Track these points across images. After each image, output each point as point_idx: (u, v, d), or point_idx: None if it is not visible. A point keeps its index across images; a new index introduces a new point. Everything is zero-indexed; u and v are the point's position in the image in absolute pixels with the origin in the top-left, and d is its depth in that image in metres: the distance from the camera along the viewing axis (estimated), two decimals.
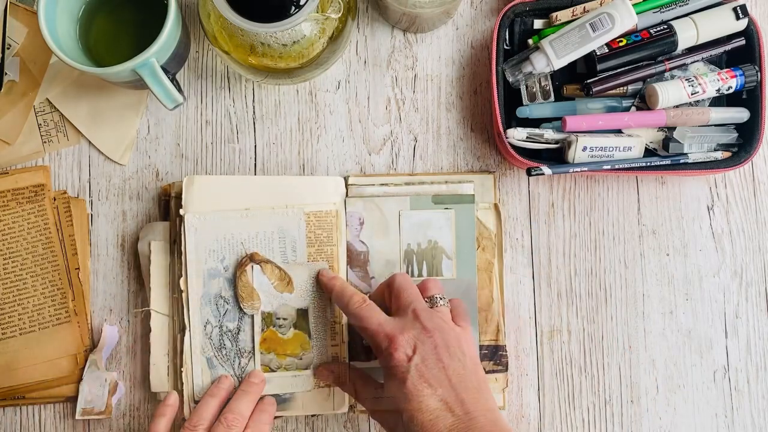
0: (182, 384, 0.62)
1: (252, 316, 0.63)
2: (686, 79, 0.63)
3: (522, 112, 0.65)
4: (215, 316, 0.63)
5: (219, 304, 0.63)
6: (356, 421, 0.65)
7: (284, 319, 0.63)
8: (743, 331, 0.67)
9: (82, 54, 0.62)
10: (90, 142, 0.67)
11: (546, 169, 0.62)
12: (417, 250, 0.65)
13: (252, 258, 0.62)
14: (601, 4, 0.64)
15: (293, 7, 0.55)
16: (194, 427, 0.57)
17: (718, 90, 0.63)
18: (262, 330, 0.63)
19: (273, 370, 0.63)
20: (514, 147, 0.63)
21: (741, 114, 0.65)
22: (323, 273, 0.63)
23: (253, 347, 0.63)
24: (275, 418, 0.64)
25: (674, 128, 0.65)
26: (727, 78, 0.63)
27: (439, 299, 0.58)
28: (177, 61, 0.64)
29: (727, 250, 0.68)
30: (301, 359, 0.63)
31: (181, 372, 0.62)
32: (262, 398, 0.62)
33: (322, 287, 0.63)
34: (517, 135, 0.63)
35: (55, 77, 0.67)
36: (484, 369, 0.65)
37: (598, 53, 0.63)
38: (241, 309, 0.63)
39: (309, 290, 0.63)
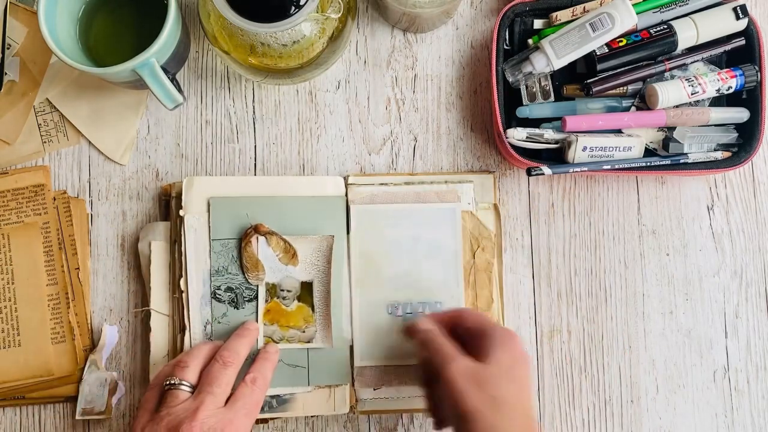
0: None
1: (255, 288, 0.63)
2: (686, 79, 0.63)
3: (522, 112, 0.65)
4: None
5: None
6: (356, 422, 0.65)
7: (288, 291, 0.63)
8: (743, 331, 0.67)
9: (82, 54, 0.62)
10: (90, 142, 0.67)
11: (546, 169, 0.62)
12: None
13: (256, 229, 0.62)
14: (601, 4, 0.64)
15: (293, 7, 0.55)
16: (185, 365, 0.56)
17: (718, 90, 0.63)
18: (266, 301, 0.63)
19: (276, 341, 0.63)
20: (514, 147, 0.63)
21: (741, 114, 0.65)
22: (420, 322, 0.58)
23: (257, 319, 0.62)
24: (275, 419, 0.64)
25: (674, 128, 0.65)
26: (727, 78, 0.63)
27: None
28: (177, 61, 0.64)
29: (727, 250, 0.68)
30: (303, 332, 0.63)
31: None
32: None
33: (412, 334, 0.58)
34: (517, 135, 0.63)
35: (55, 77, 0.67)
36: None
37: (598, 53, 0.63)
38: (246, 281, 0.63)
39: (313, 264, 0.63)
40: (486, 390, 0.51)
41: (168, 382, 0.55)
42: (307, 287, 0.63)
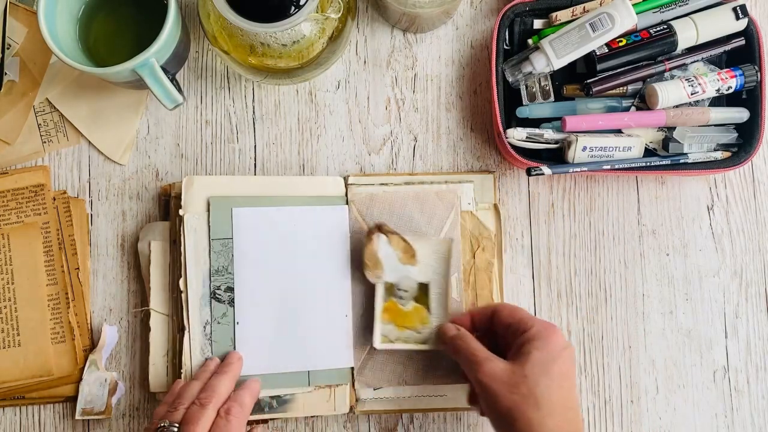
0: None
1: (373, 286, 0.63)
2: (686, 79, 0.63)
3: (522, 112, 0.65)
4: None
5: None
6: (356, 422, 0.65)
7: (405, 291, 0.63)
8: (743, 331, 0.67)
9: (82, 54, 0.62)
10: (90, 142, 0.67)
11: (546, 169, 0.62)
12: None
13: (380, 228, 0.62)
14: (601, 4, 0.64)
15: (293, 7, 0.55)
16: (174, 408, 0.56)
17: (718, 90, 0.63)
18: (384, 300, 0.63)
19: (391, 341, 0.63)
20: (514, 147, 0.64)
21: (741, 114, 0.65)
22: (447, 329, 0.60)
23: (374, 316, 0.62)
24: (275, 419, 0.64)
25: (674, 128, 0.65)
26: (726, 78, 0.63)
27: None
28: (177, 61, 0.64)
29: (727, 250, 0.68)
30: (419, 333, 0.63)
31: (181, 374, 0.62)
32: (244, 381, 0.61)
33: (443, 342, 0.60)
34: (517, 135, 0.63)
35: (55, 77, 0.67)
36: None
37: (598, 53, 0.63)
38: None
39: (431, 266, 0.63)
40: (519, 389, 0.53)
41: (159, 426, 0.55)
42: (423, 289, 0.63)
